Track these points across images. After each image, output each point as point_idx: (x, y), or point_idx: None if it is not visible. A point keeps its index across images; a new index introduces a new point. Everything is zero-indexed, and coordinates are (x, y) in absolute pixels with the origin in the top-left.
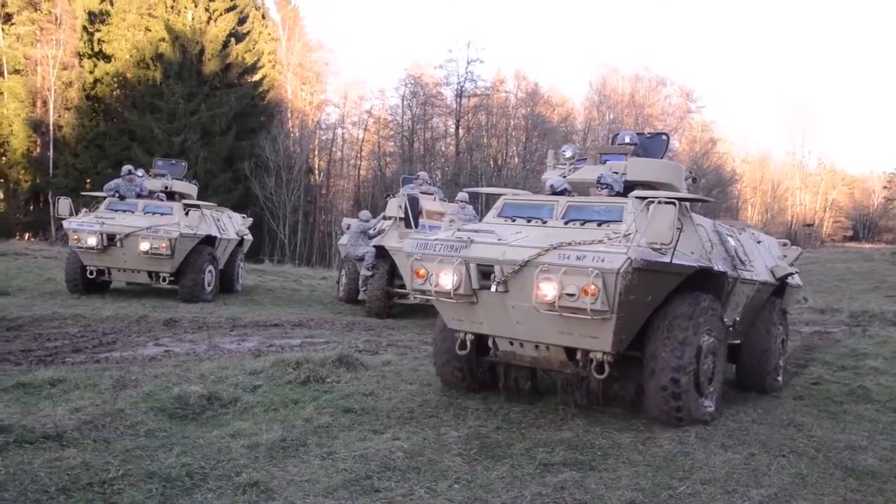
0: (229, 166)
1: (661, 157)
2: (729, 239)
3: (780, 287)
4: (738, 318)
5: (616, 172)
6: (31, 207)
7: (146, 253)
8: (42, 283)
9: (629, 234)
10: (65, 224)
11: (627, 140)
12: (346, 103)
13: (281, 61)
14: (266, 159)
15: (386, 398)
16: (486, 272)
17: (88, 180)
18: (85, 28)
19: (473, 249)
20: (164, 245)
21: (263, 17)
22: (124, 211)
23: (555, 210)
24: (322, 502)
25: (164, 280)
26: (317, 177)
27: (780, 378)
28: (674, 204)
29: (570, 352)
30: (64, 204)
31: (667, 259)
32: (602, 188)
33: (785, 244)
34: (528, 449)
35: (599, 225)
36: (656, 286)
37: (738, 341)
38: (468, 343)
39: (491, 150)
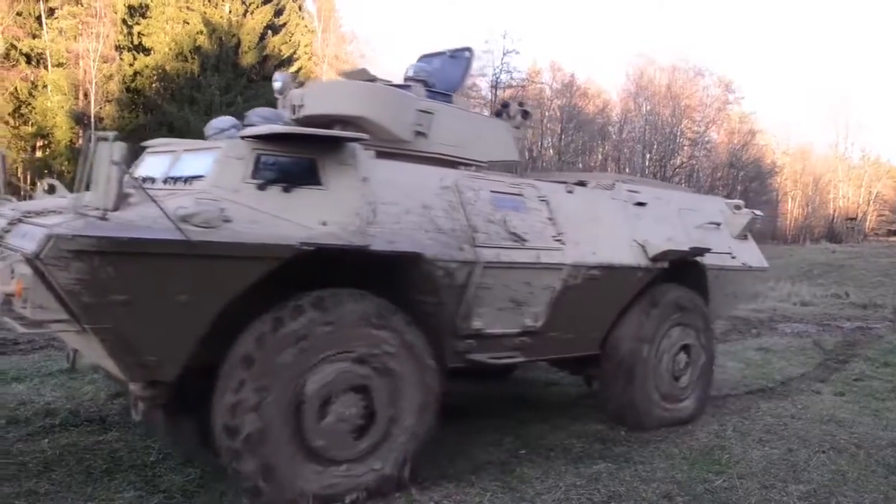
0: None
1: (462, 82)
2: (503, 200)
3: (693, 273)
4: (533, 323)
5: (297, 107)
6: None
7: None
8: None
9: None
10: None
11: (412, 73)
12: None
13: (317, 53)
14: None
15: None
16: None
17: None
18: (125, 21)
19: None
20: None
21: (300, 8)
22: None
23: (167, 164)
24: None
25: None
26: None
27: (684, 402)
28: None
29: None
30: None
31: (170, 235)
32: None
33: (739, 207)
34: (563, 440)
35: (186, 183)
36: (191, 279)
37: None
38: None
39: (526, 142)
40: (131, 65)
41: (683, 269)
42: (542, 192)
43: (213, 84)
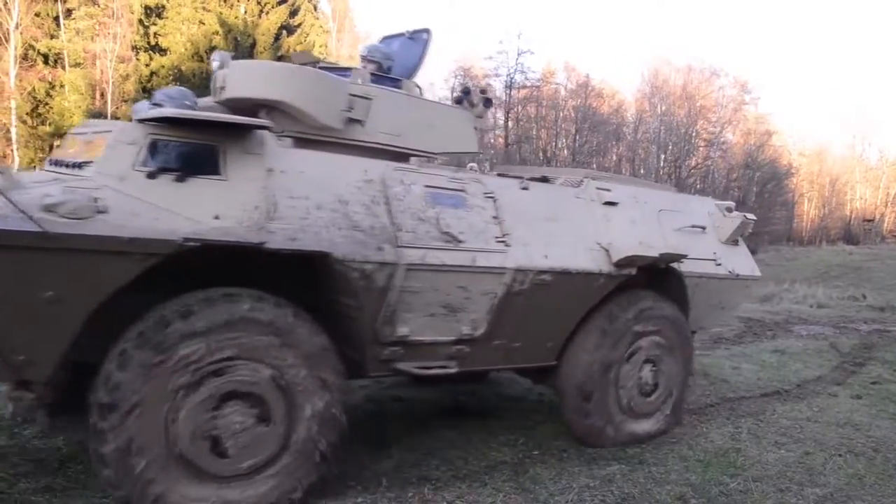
0: None
1: (419, 65)
2: (439, 196)
3: (671, 280)
4: (471, 331)
5: (220, 89)
6: None
7: None
8: None
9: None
10: None
11: (365, 53)
12: None
13: (332, 53)
14: None
15: (433, 389)
16: None
17: None
18: (141, 22)
19: None
20: None
21: (315, 9)
22: None
23: (78, 146)
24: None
25: None
26: None
27: (664, 405)
28: None
29: None
30: None
31: (24, 226)
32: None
33: (730, 209)
34: (576, 441)
35: (79, 168)
36: (55, 275)
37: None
38: None
39: (540, 143)
40: (147, 65)
41: (659, 276)
42: (490, 188)
43: None
